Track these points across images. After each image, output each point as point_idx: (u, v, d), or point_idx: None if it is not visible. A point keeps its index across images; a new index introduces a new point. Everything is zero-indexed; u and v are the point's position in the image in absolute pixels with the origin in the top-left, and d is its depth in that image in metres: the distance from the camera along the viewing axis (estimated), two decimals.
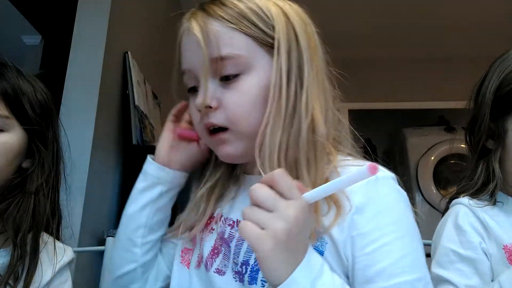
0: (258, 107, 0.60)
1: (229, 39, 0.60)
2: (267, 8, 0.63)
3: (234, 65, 0.60)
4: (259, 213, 0.46)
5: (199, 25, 0.61)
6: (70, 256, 0.78)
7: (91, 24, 1.67)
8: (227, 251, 0.64)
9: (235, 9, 0.61)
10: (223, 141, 0.62)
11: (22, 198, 0.70)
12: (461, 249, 0.73)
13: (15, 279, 0.66)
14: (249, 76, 0.60)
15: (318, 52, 0.68)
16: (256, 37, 0.61)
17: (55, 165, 0.76)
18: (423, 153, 3.09)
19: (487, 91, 0.79)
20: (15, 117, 0.71)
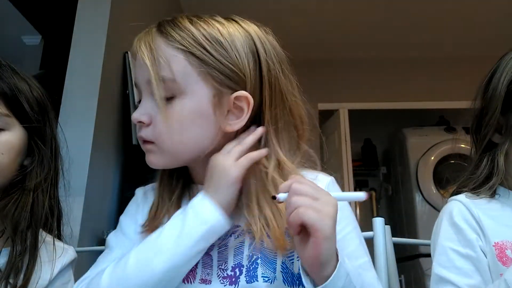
0: (184, 131, 0.64)
1: (169, 61, 0.62)
2: (227, 37, 0.65)
3: (169, 89, 0.63)
4: (310, 200, 0.52)
5: (147, 45, 0.63)
6: (72, 256, 0.78)
7: (91, 24, 1.67)
8: (207, 260, 0.64)
9: (186, 30, 0.64)
10: (149, 151, 0.67)
11: (21, 195, 0.70)
12: (460, 247, 0.73)
13: (15, 275, 0.66)
14: (182, 100, 0.63)
15: (280, 84, 0.68)
16: (198, 59, 0.63)
17: (54, 161, 0.77)
18: (423, 153, 3.09)
19: (499, 84, 0.77)
20: (15, 116, 0.72)
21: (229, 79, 0.64)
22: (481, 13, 2.70)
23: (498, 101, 0.77)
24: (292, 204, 0.53)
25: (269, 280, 0.61)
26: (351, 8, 2.67)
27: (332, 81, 3.19)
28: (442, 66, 3.22)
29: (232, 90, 0.64)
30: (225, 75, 0.63)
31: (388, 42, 3.09)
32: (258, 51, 0.66)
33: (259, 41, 0.67)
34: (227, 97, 0.64)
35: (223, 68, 0.63)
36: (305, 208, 0.52)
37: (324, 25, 2.84)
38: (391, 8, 2.67)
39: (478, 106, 0.83)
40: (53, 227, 0.76)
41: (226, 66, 0.63)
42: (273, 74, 0.66)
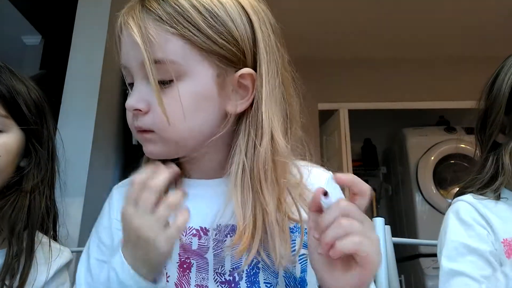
0: (190, 116, 0.57)
1: (164, 42, 0.55)
2: (220, 8, 0.57)
3: (168, 71, 0.55)
4: (358, 225, 0.46)
5: (137, 24, 0.55)
6: (67, 258, 0.78)
7: (91, 24, 1.67)
8: (202, 263, 0.59)
9: (176, 7, 0.56)
10: (148, 140, 0.59)
11: (18, 197, 0.70)
12: (470, 241, 0.72)
13: (11, 277, 0.66)
14: (183, 83, 0.56)
15: (275, 57, 0.61)
16: (196, 42, 0.55)
17: (51, 163, 0.77)
18: (423, 153, 3.09)
19: (503, 84, 0.78)
20: (12, 118, 0.72)
21: (232, 55, 0.57)
22: (481, 13, 2.70)
23: (502, 101, 0.77)
24: (343, 228, 0.46)
25: (271, 285, 0.58)
26: (351, 7, 2.67)
27: (332, 81, 3.19)
28: (442, 66, 3.22)
29: (235, 67, 0.58)
30: (227, 52, 0.57)
31: (388, 42, 3.08)
32: (252, 20, 0.59)
33: (251, 9, 0.60)
34: (231, 76, 0.58)
35: (225, 45, 0.57)
36: (361, 237, 0.45)
37: (324, 25, 2.84)
38: (391, 8, 2.67)
39: (483, 106, 0.83)
40: (49, 228, 0.76)
41: (228, 41, 0.57)
42: (268, 44, 0.60)
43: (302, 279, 0.60)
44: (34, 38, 2.60)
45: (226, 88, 0.58)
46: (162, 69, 0.55)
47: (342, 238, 0.45)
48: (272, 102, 0.59)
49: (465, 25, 2.84)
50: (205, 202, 0.62)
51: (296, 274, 0.60)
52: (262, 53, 0.58)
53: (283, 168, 0.58)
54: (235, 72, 0.58)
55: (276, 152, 0.57)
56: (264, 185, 0.56)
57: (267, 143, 0.56)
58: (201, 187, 0.64)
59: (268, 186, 0.56)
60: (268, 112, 0.58)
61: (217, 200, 0.60)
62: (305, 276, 0.60)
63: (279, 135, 0.57)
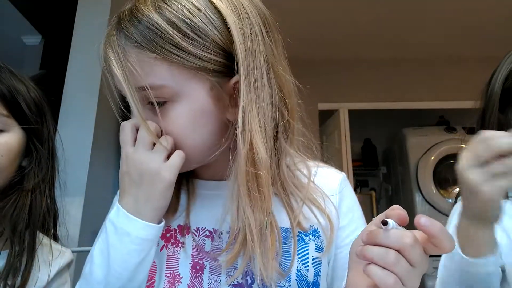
0: (190, 134, 0.55)
1: (149, 68, 0.52)
2: (198, 15, 0.53)
3: (159, 94, 0.53)
4: (404, 268, 0.43)
5: (116, 56, 0.53)
6: (68, 258, 0.78)
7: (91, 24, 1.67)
8: (215, 266, 0.59)
9: (153, 28, 0.52)
10: None
11: (19, 196, 0.70)
12: None
13: (13, 276, 0.66)
14: (178, 103, 0.54)
15: (257, 54, 0.55)
16: (180, 62, 0.52)
17: (51, 162, 0.77)
18: (423, 153, 3.09)
19: (496, 82, 0.78)
20: (13, 117, 0.72)
21: (221, 66, 0.54)
22: (481, 13, 2.70)
23: (495, 99, 0.77)
24: (386, 261, 0.43)
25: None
26: (351, 7, 2.67)
27: (332, 81, 3.19)
28: (442, 66, 3.22)
29: (228, 76, 0.55)
30: (215, 65, 0.53)
31: (388, 42, 3.08)
32: (227, 20, 0.54)
33: (227, 6, 0.55)
34: (226, 85, 0.55)
35: (211, 58, 0.53)
36: (395, 281, 0.42)
37: (324, 25, 2.84)
38: (391, 7, 2.67)
39: (481, 106, 0.84)
40: (49, 227, 0.76)
41: (214, 53, 0.53)
42: (250, 43, 0.55)
43: (315, 282, 0.60)
44: (34, 38, 2.60)
45: (222, 98, 0.56)
46: (154, 93, 0.52)
47: (378, 266, 0.43)
48: (254, 104, 0.54)
49: (465, 25, 2.84)
50: (218, 203, 0.60)
51: (309, 278, 0.59)
52: (239, 53, 0.53)
53: (263, 182, 0.53)
54: (229, 81, 0.55)
55: (255, 163, 0.53)
56: (245, 198, 0.53)
57: (245, 154, 0.53)
58: (213, 188, 0.64)
59: (249, 199, 0.53)
60: (248, 118, 0.53)
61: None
62: (319, 280, 0.60)
63: (259, 145, 0.53)
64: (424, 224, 0.42)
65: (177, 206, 0.62)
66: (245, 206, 0.53)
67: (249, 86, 0.53)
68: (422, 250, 0.44)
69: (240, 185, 0.53)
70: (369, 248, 0.44)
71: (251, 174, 0.53)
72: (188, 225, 0.62)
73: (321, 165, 0.65)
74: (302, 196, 0.60)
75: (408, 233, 0.43)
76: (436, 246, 0.43)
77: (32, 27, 2.46)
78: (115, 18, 0.56)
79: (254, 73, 0.54)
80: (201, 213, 0.62)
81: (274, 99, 0.56)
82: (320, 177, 0.64)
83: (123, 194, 0.55)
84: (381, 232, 0.44)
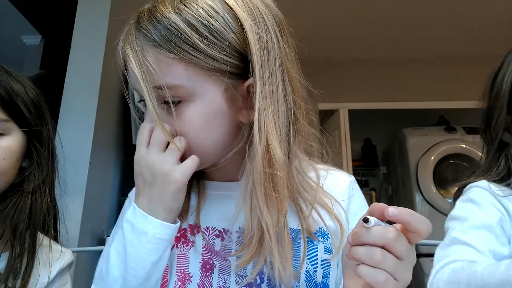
0: (204, 135, 0.56)
1: (166, 68, 0.53)
2: (216, 18, 0.54)
3: (175, 94, 0.54)
4: (392, 263, 0.43)
5: (134, 54, 0.54)
6: (69, 259, 0.78)
7: (91, 24, 1.67)
8: (224, 265, 0.59)
9: (172, 29, 0.53)
10: None
11: (20, 198, 0.70)
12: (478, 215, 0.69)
13: (14, 277, 0.66)
14: (192, 103, 0.54)
15: (272, 57, 0.56)
16: (196, 63, 0.53)
17: (51, 162, 0.77)
18: (423, 153, 3.09)
19: (503, 83, 0.76)
20: (13, 120, 0.71)
21: (236, 68, 0.55)
22: (482, 13, 2.70)
23: (503, 101, 0.76)
24: (374, 259, 0.43)
25: None
26: (351, 7, 2.67)
27: (332, 81, 3.19)
28: (442, 66, 3.22)
29: (243, 78, 0.56)
30: (231, 67, 0.54)
31: (388, 41, 3.08)
32: (243, 23, 0.55)
33: (243, 9, 0.56)
34: (240, 87, 0.56)
35: (227, 60, 0.54)
36: (386, 277, 0.43)
37: (324, 25, 2.84)
38: (391, 7, 2.67)
39: (485, 106, 0.82)
40: (50, 227, 0.76)
41: (230, 55, 0.54)
42: (265, 45, 0.56)
43: (324, 284, 0.60)
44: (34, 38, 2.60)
45: (236, 100, 0.56)
46: (170, 93, 0.53)
47: (367, 266, 0.43)
48: (270, 107, 0.55)
49: (465, 25, 2.84)
50: (226, 204, 0.61)
51: (317, 279, 0.59)
52: (255, 56, 0.54)
53: (279, 182, 0.54)
54: (243, 83, 0.56)
55: (271, 164, 0.54)
56: (261, 199, 0.53)
57: (261, 154, 0.53)
58: (223, 188, 0.64)
59: (266, 201, 0.54)
60: (264, 120, 0.54)
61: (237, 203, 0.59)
62: (328, 282, 0.60)
63: (275, 146, 0.54)
64: (393, 214, 0.43)
65: (188, 207, 0.63)
66: (262, 206, 0.53)
67: (264, 88, 0.54)
68: (406, 242, 0.44)
69: (256, 185, 0.53)
70: (356, 249, 0.44)
71: (267, 175, 0.53)
72: (198, 224, 0.62)
73: (331, 169, 0.65)
74: (310, 198, 0.60)
75: (390, 228, 0.44)
76: (414, 232, 0.44)
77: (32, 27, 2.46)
78: (134, 18, 0.57)
79: (269, 76, 0.55)
80: (211, 213, 0.63)
81: (288, 102, 0.57)
82: (329, 180, 0.64)
83: (138, 194, 0.56)
84: (364, 231, 0.44)
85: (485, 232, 0.69)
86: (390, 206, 0.44)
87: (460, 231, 0.70)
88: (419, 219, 0.44)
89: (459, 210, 0.75)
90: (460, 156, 3.02)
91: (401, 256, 0.43)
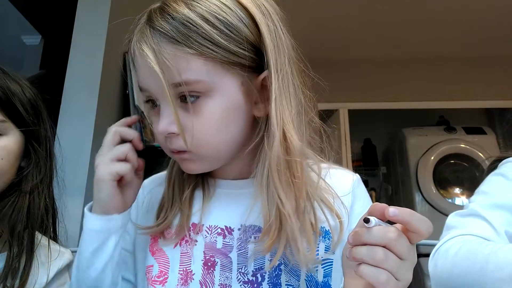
0: (223, 130, 0.57)
1: (185, 63, 0.53)
2: (229, 13, 0.55)
3: (194, 89, 0.54)
4: (394, 262, 0.43)
5: (151, 51, 0.53)
6: (68, 259, 0.78)
7: (91, 24, 1.67)
8: (226, 262, 0.60)
9: (188, 24, 0.53)
10: (186, 160, 0.59)
11: (18, 198, 0.70)
12: (505, 193, 0.67)
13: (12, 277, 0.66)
14: (211, 99, 0.55)
15: (282, 49, 0.58)
16: (215, 57, 0.54)
17: (49, 162, 0.77)
18: (423, 153, 3.09)
19: None
20: (10, 120, 0.71)
21: (252, 62, 0.56)
22: (482, 13, 2.70)
23: None
24: (375, 259, 0.43)
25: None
26: (350, 7, 2.67)
27: (332, 81, 3.18)
28: (442, 66, 3.22)
29: (257, 71, 0.57)
30: (247, 60, 0.55)
31: (388, 41, 3.08)
32: (255, 17, 0.56)
33: (252, 4, 0.57)
34: (255, 81, 0.57)
35: (244, 54, 0.55)
36: (388, 276, 0.43)
37: (323, 25, 2.84)
38: (391, 7, 2.67)
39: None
40: (48, 226, 0.76)
41: (246, 49, 0.55)
42: (274, 36, 0.58)
43: (324, 283, 0.59)
44: (34, 38, 2.60)
45: (252, 93, 0.57)
46: (188, 89, 0.53)
47: (368, 265, 0.43)
48: (284, 97, 0.56)
49: (465, 25, 2.84)
50: (231, 202, 0.63)
51: (318, 278, 0.59)
52: (269, 48, 0.56)
53: (297, 168, 0.55)
54: (257, 77, 0.57)
55: (289, 151, 0.55)
56: (279, 186, 0.54)
57: (278, 143, 0.54)
58: (228, 187, 0.65)
59: (284, 187, 0.54)
60: (280, 110, 0.55)
61: (243, 201, 0.60)
62: (329, 281, 0.60)
63: (292, 134, 0.55)
64: (393, 214, 0.43)
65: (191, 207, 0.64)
66: (281, 194, 0.54)
67: (278, 80, 0.56)
68: (407, 241, 0.44)
69: (273, 174, 0.54)
70: (357, 249, 0.44)
71: (285, 162, 0.54)
72: (202, 223, 0.63)
73: (334, 166, 0.66)
74: (312, 192, 0.59)
75: (391, 228, 0.44)
76: (414, 232, 0.44)
77: (32, 27, 2.46)
78: (144, 17, 0.58)
79: (281, 69, 0.56)
80: (219, 212, 0.63)
81: (297, 94, 0.59)
82: (333, 178, 0.64)
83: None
84: (365, 231, 0.44)
85: (506, 213, 0.66)
86: (390, 206, 0.44)
87: (481, 206, 0.68)
88: (419, 219, 0.44)
89: (488, 184, 0.73)
90: (460, 156, 3.02)
91: (402, 256, 0.43)
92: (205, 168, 0.61)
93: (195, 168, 0.60)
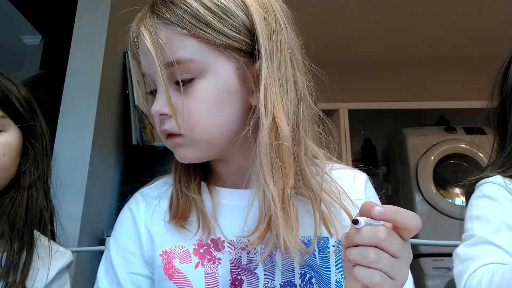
0: (216, 112, 0.57)
1: (181, 43, 0.55)
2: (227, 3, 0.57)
3: (187, 70, 0.55)
4: (387, 262, 0.42)
5: (147, 30, 0.56)
6: (68, 259, 0.78)
7: (91, 24, 1.67)
8: (252, 279, 0.58)
9: (185, 7, 0.56)
10: (179, 145, 0.59)
11: (16, 194, 0.71)
12: (499, 214, 0.67)
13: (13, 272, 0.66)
14: (205, 80, 0.56)
15: (281, 41, 0.59)
16: (209, 39, 0.55)
17: (45, 158, 0.77)
18: (423, 153, 3.09)
19: None
20: (9, 116, 0.72)
21: (247, 46, 0.57)
22: (481, 13, 2.70)
23: None
24: (368, 259, 0.42)
25: None
26: (350, 8, 2.67)
27: (332, 81, 3.18)
28: (442, 66, 3.22)
29: (254, 58, 0.58)
30: (241, 44, 0.57)
31: (388, 42, 3.08)
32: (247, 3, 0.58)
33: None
34: (251, 68, 0.58)
35: (237, 37, 0.56)
36: (382, 277, 0.42)
37: (323, 25, 2.84)
38: (390, 7, 2.67)
39: (496, 102, 0.81)
40: (46, 224, 0.77)
41: (240, 33, 0.56)
42: (274, 29, 0.58)
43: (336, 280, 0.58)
44: (34, 38, 2.60)
45: (248, 80, 0.58)
46: (182, 69, 0.55)
47: (362, 266, 0.43)
48: (277, 85, 0.56)
49: (465, 25, 2.84)
50: (243, 213, 0.59)
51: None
52: (260, 35, 0.56)
53: (286, 151, 0.55)
54: (254, 64, 0.58)
55: (277, 135, 0.54)
56: (266, 169, 0.54)
57: (268, 127, 0.54)
58: (237, 198, 0.63)
59: (271, 170, 0.54)
60: (270, 96, 0.55)
61: (254, 210, 0.58)
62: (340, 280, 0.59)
63: (281, 119, 0.55)
64: (378, 213, 0.43)
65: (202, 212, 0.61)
66: (267, 178, 0.53)
67: (271, 66, 0.56)
68: (399, 239, 0.44)
69: (262, 158, 0.54)
70: (349, 251, 0.44)
71: (274, 146, 0.54)
72: (222, 239, 0.60)
73: (341, 165, 0.65)
74: (318, 187, 0.58)
75: (381, 227, 0.44)
76: (402, 228, 0.44)
77: (32, 27, 2.46)
78: (149, 4, 0.60)
79: (277, 56, 0.57)
80: (232, 225, 0.60)
81: (297, 84, 0.59)
82: (344, 178, 0.63)
83: None
84: (355, 232, 0.44)
85: (509, 232, 0.67)
86: (377, 205, 0.44)
87: (485, 232, 0.67)
88: (405, 215, 0.44)
89: (477, 208, 0.72)
90: (460, 156, 3.02)
91: (395, 254, 0.43)
92: (199, 156, 0.60)
93: (188, 154, 0.59)
